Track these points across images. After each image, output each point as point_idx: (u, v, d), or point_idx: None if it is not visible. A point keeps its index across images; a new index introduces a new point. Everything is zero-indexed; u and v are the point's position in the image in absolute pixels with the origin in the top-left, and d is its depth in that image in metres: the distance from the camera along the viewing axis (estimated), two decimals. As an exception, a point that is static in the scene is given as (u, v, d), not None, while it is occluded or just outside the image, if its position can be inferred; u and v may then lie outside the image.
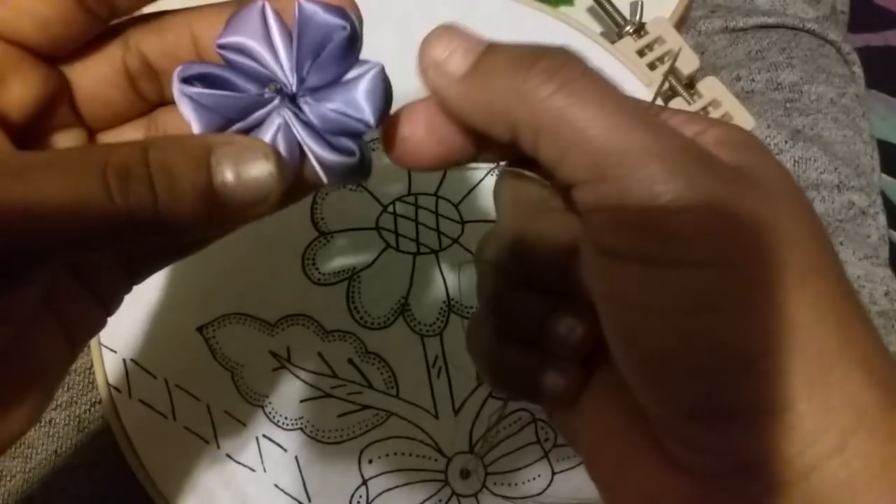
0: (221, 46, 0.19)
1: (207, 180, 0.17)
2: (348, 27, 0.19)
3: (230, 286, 0.38)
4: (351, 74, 0.19)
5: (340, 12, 0.19)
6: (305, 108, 0.19)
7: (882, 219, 0.45)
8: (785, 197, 0.18)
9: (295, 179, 0.19)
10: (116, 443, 0.37)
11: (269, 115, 0.19)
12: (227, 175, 0.17)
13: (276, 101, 0.19)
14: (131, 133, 0.22)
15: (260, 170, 0.17)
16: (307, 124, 0.19)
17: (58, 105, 0.20)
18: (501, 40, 0.19)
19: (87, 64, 0.20)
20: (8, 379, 0.19)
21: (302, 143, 0.19)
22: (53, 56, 0.20)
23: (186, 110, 0.19)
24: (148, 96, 0.21)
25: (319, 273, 0.38)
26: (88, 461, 0.38)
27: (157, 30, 0.20)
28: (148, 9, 0.21)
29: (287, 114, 0.19)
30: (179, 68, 0.19)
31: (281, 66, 0.19)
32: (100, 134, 0.22)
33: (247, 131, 0.19)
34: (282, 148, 0.19)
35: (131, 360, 0.37)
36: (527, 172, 0.21)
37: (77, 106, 0.21)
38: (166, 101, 0.21)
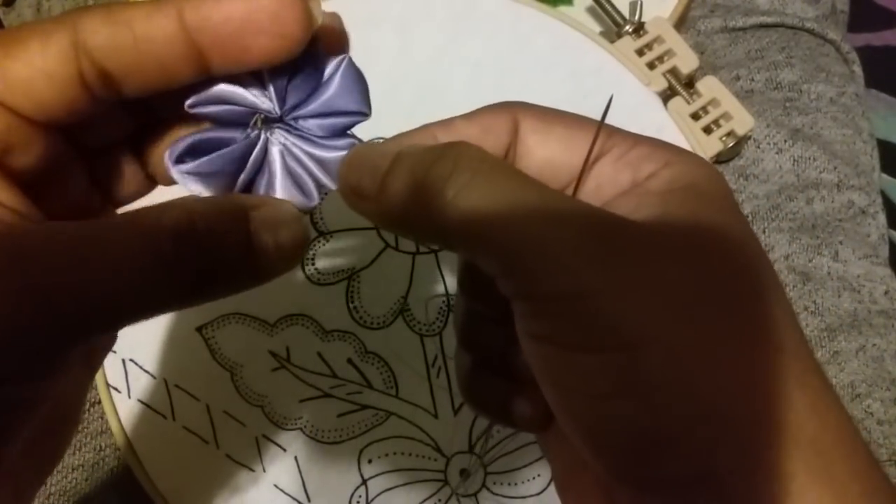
0: (192, 106, 0.19)
1: (248, 243, 0.18)
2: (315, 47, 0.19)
3: (229, 286, 0.38)
4: (325, 76, 0.20)
5: None
6: (295, 123, 0.20)
7: (882, 218, 0.45)
8: (724, 256, 0.18)
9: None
10: (116, 443, 0.37)
11: (266, 150, 0.20)
12: (267, 240, 0.18)
13: (266, 133, 0.20)
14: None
15: (293, 233, 0.19)
16: (303, 137, 0.20)
17: (69, 172, 0.20)
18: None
19: None
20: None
21: (301, 155, 0.20)
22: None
23: (193, 186, 0.19)
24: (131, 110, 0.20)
25: (319, 273, 0.38)
26: (88, 461, 0.38)
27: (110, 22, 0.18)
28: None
29: (281, 137, 0.20)
30: (167, 152, 0.19)
31: (256, 96, 0.19)
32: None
33: (255, 176, 0.20)
34: (293, 175, 0.20)
35: (130, 360, 0.37)
36: None
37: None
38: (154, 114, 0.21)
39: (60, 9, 0.48)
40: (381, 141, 0.20)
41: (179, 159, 0.19)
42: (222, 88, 0.19)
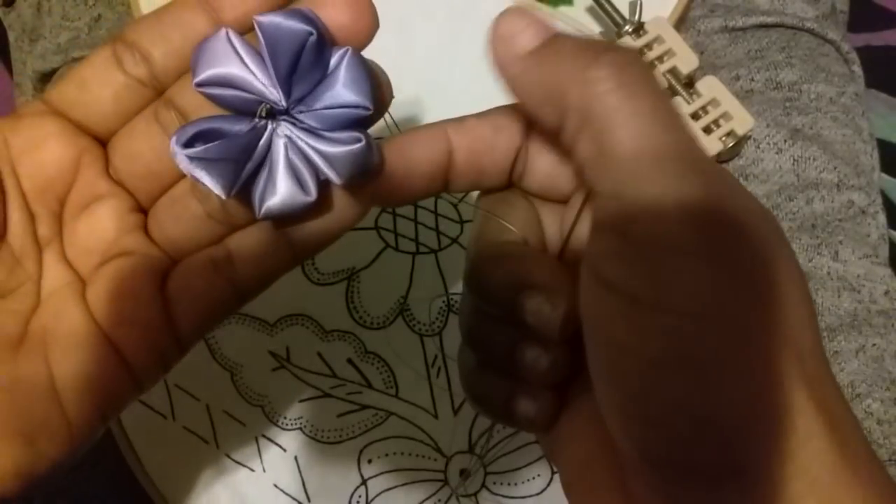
0: (201, 84, 0.19)
1: None
2: (314, 32, 0.19)
3: (229, 286, 0.38)
4: (329, 68, 0.20)
5: (301, 16, 0.19)
6: (301, 116, 0.20)
7: (882, 218, 0.45)
8: (776, 249, 0.18)
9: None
10: (116, 443, 0.37)
11: (271, 142, 0.20)
12: None
13: (271, 124, 0.20)
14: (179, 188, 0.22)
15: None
16: (308, 130, 0.20)
17: (86, 172, 0.21)
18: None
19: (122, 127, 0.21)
20: None
21: (306, 149, 0.20)
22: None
23: (199, 174, 0.19)
24: None
25: (319, 273, 0.38)
26: (88, 461, 0.38)
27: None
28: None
29: (286, 129, 0.20)
30: (174, 137, 0.19)
31: (265, 85, 0.19)
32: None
33: (259, 166, 0.20)
34: (294, 169, 0.20)
35: (131, 360, 0.37)
36: (495, 215, 0.22)
37: (116, 171, 0.21)
38: None
39: (60, 10, 0.48)
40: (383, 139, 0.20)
41: (188, 144, 0.19)
42: (233, 72, 0.19)
